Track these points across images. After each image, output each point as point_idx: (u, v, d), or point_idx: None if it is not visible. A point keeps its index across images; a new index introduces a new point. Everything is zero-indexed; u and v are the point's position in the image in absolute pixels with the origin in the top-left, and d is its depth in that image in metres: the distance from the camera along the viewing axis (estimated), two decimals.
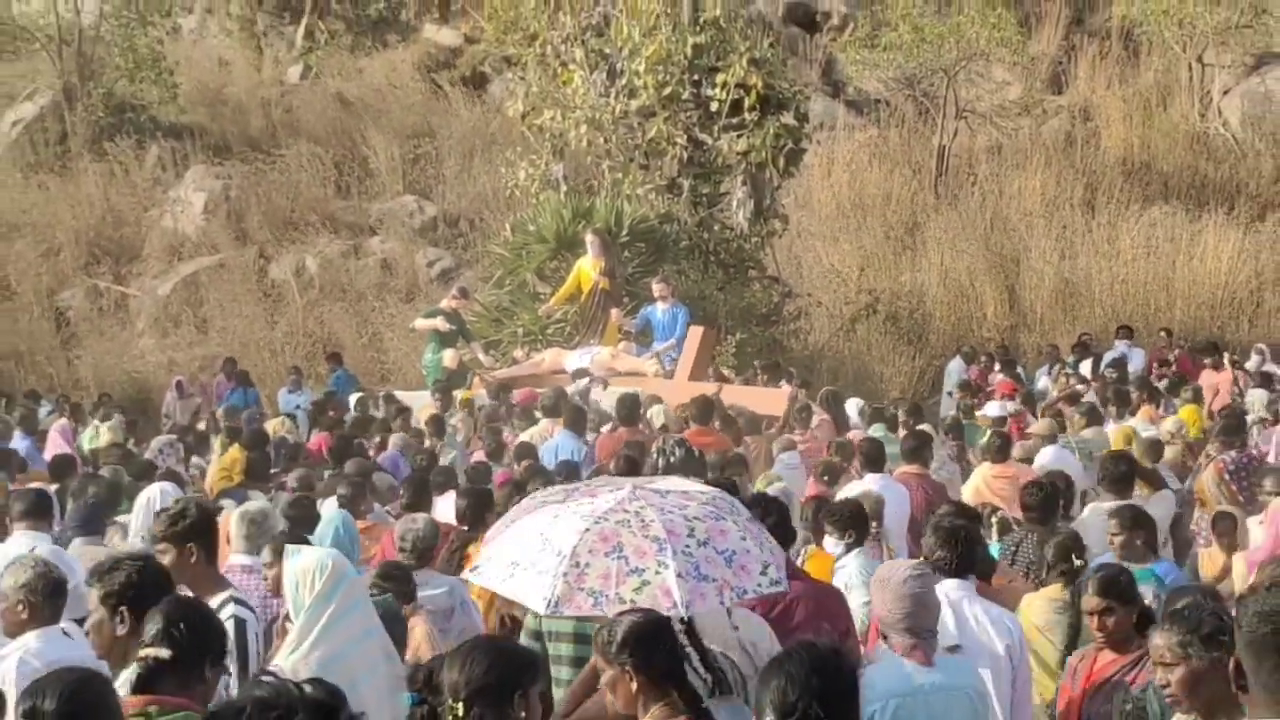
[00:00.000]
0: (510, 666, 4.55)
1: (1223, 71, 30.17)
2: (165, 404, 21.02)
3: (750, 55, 21.55)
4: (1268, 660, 3.66)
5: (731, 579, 5.44)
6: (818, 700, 3.97)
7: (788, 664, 4.17)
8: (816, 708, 3.96)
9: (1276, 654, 3.65)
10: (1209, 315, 24.04)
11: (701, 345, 17.41)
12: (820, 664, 4.14)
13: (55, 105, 30.14)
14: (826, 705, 3.98)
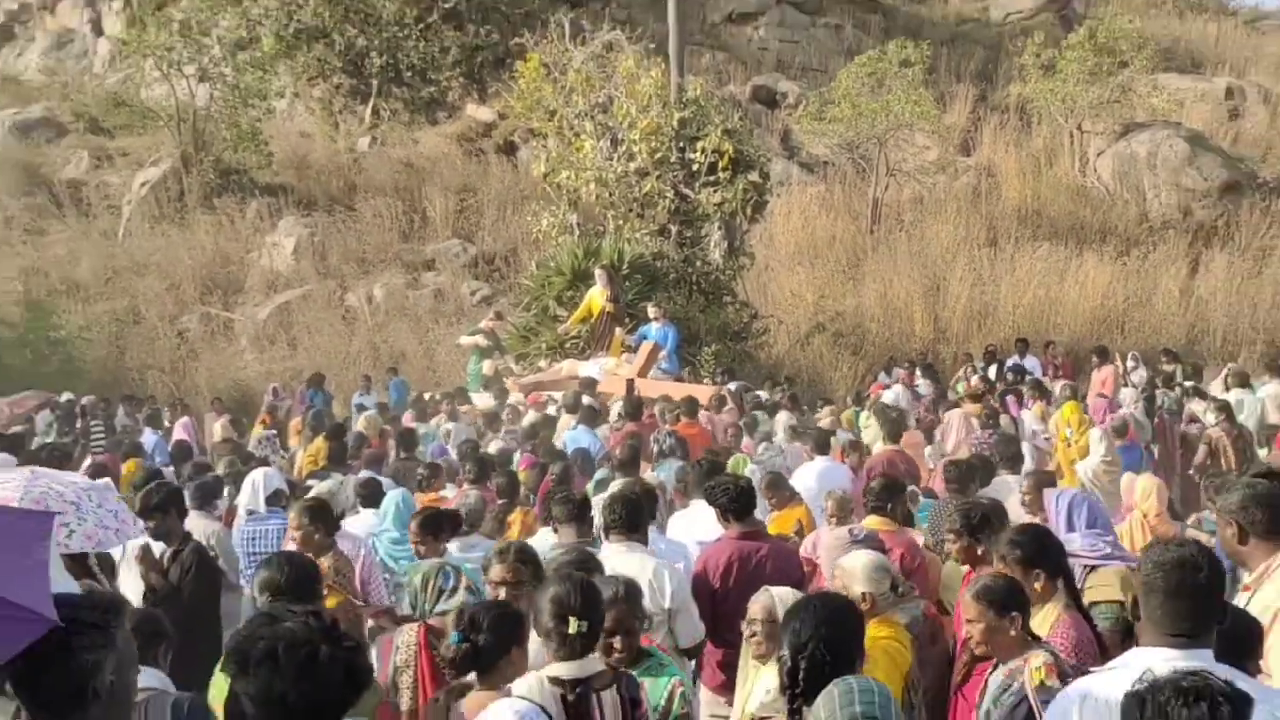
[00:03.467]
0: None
1: (1097, 137, 30.24)
2: (264, 406, 21.00)
3: (724, 127, 21.56)
4: (1154, 598, 3.86)
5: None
6: (824, 642, 3.96)
7: (804, 611, 4.17)
8: (823, 648, 3.95)
9: (1161, 594, 3.83)
10: (1089, 330, 24.07)
11: (649, 356, 17.61)
12: (830, 613, 4.14)
13: (175, 170, 30.15)
14: (832, 646, 3.97)
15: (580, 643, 4.51)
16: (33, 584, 3.97)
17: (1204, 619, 3.82)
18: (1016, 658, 4.76)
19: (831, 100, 29.65)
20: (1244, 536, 4.91)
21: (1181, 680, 3.09)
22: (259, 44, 33.17)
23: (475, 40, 33.80)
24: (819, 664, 3.92)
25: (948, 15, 39.73)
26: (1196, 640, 3.77)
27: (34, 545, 4.39)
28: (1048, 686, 4.46)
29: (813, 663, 3.93)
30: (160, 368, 24.91)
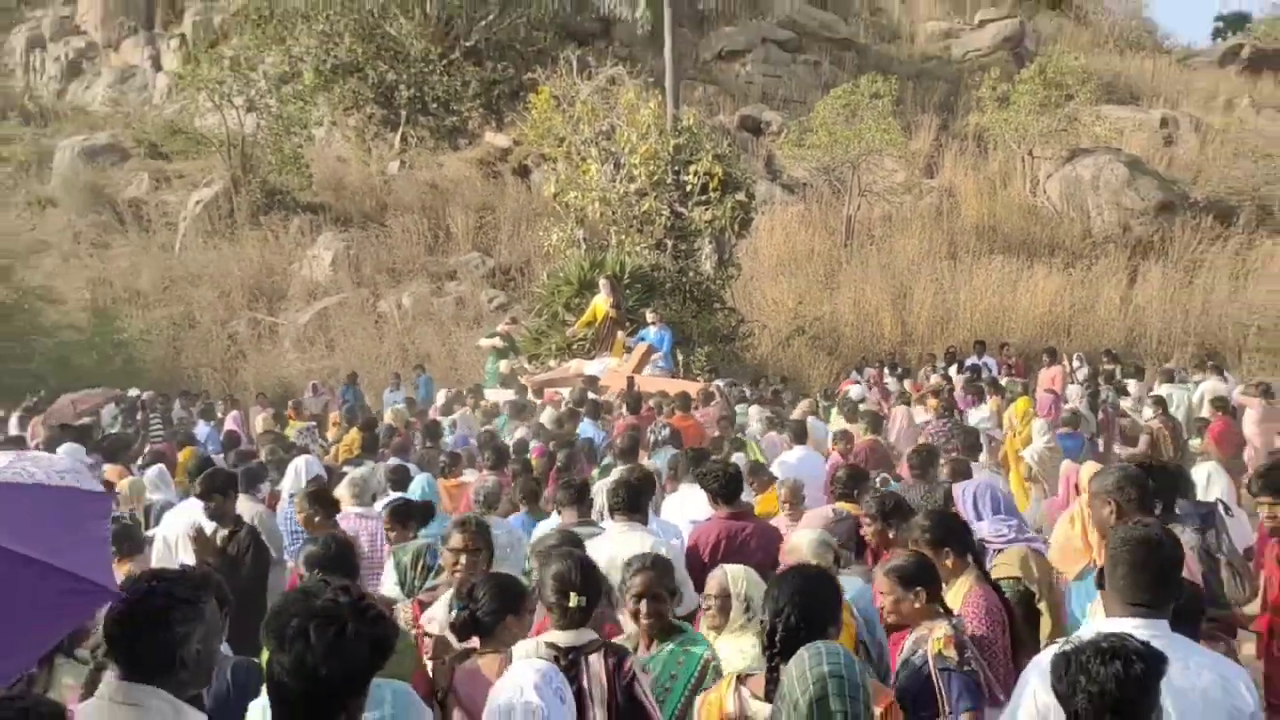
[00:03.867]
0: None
1: (1046, 162, 30.26)
2: (304, 401, 21.00)
3: (714, 152, 21.55)
4: (1119, 570, 3.90)
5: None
6: (799, 609, 3.98)
7: (783, 582, 4.19)
8: (797, 615, 3.96)
9: (1125, 566, 3.88)
10: (1039, 333, 24.08)
11: (644, 355, 17.65)
12: (804, 583, 4.15)
13: (225, 190, 30.18)
14: (806, 613, 3.98)
15: (579, 615, 4.55)
16: (96, 559, 3.98)
17: (1163, 592, 3.87)
18: (923, 627, 4.83)
19: (810, 129, 29.68)
20: (1120, 513, 5.19)
21: (1101, 641, 3.15)
22: (300, 78, 33.19)
23: (493, 75, 33.82)
24: (794, 629, 3.92)
25: (913, 53, 39.74)
26: (1155, 610, 3.82)
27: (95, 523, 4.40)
28: (945, 656, 4.56)
29: (788, 627, 3.94)
30: (212, 367, 24.95)
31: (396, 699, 3.75)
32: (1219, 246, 27.15)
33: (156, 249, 29.73)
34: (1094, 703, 3.10)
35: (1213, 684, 3.45)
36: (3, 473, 4.04)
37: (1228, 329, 24.46)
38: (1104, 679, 3.09)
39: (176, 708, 3.34)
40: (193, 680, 3.44)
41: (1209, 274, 25.98)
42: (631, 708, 4.44)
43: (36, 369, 23.32)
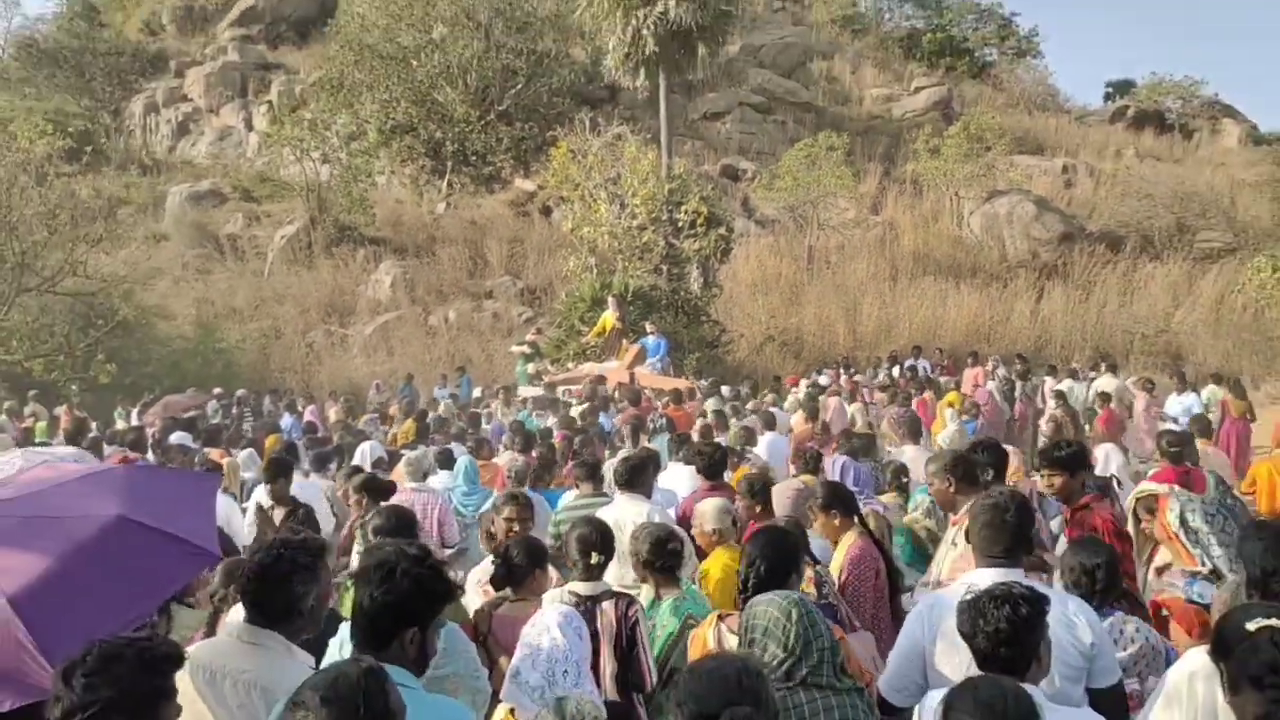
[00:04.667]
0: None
1: (969, 201, 30.28)
2: (369, 397, 21.02)
3: (701, 194, 21.59)
4: (979, 529, 3.99)
5: None
6: (767, 562, 4.05)
7: (756, 538, 4.31)
8: (766, 566, 4.06)
9: (983, 526, 3.96)
10: (964, 339, 24.06)
11: (636, 355, 17.75)
12: (769, 539, 4.27)
13: (305, 227, 30.22)
14: (773, 565, 4.07)
15: (598, 570, 4.64)
16: (201, 526, 4.00)
17: (1014, 545, 3.93)
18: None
19: (778, 175, 29.75)
20: (955, 486, 5.28)
21: (994, 589, 3.19)
22: (366, 136, 33.22)
23: (521, 133, 33.84)
24: (763, 577, 4.00)
25: (861, 113, 39.74)
26: (1010, 561, 3.90)
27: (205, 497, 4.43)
28: (807, 592, 4.59)
29: (758, 576, 4.01)
30: (294, 370, 24.95)
31: (448, 636, 3.79)
32: (1110, 269, 27.15)
33: (249, 274, 29.73)
34: (991, 640, 3.14)
35: (1056, 622, 3.46)
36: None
37: (1118, 336, 24.45)
38: (998, 619, 3.13)
39: (290, 649, 3.47)
40: (305, 627, 3.54)
41: (1102, 291, 25.99)
42: (632, 645, 4.51)
43: (152, 372, 23.30)
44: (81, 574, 3.43)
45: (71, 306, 22.53)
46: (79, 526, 3.58)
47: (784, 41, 41.72)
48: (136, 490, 3.93)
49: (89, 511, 3.66)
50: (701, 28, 24.53)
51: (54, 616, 3.28)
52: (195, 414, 17.29)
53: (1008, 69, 46.28)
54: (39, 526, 3.56)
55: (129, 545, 3.60)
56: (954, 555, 5.06)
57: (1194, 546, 5.39)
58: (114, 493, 3.84)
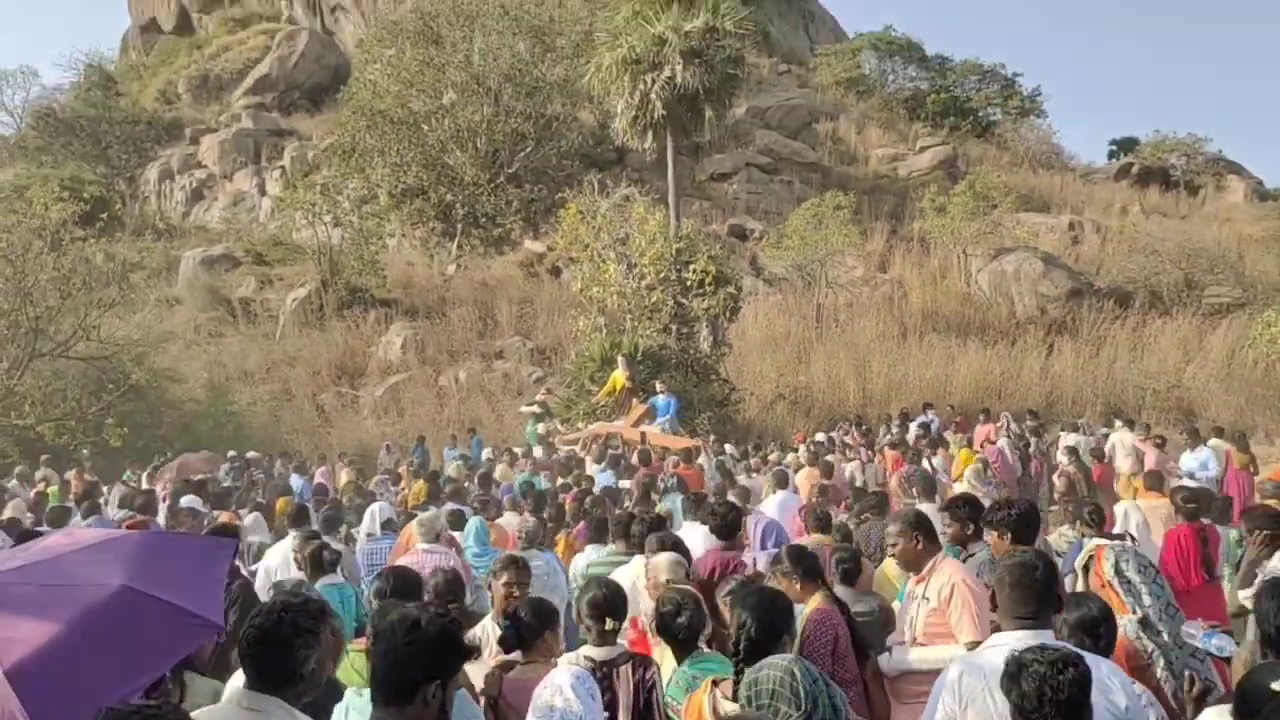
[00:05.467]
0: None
1: (977, 258, 30.33)
2: (379, 459, 20.97)
3: (709, 254, 21.69)
4: (1005, 591, 3.91)
5: None
6: (758, 624, 3.99)
7: (745, 600, 4.23)
8: (757, 628, 3.98)
9: (1010, 588, 3.88)
10: (974, 396, 23.94)
11: (645, 413, 17.71)
12: (759, 600, 4.17)
13: (317, 289, 30.39)
14: (763, 628, 3.99)
15: (611, 635, 4.57)
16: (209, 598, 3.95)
17: (1044, 605, 3.86)
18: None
19: (785, 234, 29.88)
20: (923, 545, 5.26)
21: (1050, 654, 3.08)
22: (377, 200, 33.60)
23: (531, 195, 34.16)
24: (754, 639, 3.95)
25: (867, 173, 40.07)
26: (1039, 622, 3.81)
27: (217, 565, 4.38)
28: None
29: (749, 638, 3.97)
30: (305, 431, 24.91)
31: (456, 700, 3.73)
32: (1119, 325, 27.10)
33: (261, 337, 29.87)
34: (1057, 708, 3.02)
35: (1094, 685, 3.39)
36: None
37: (1129, 391, 24.32)
38: (1062, 686, 3.01)
39: (292, 714, 3.41)
40: (306, 691, 3.48)
41: (1112, 347, 25.91)
42: (649, 711, 4.43)
43: (164, 435, 23.32)
44: (83, 644, 3.39)
45: (84, 371, 22.62)
46: (84, 595, 3.55)
47: (790, 104, 42.22)
48: (145, 558, 3.90)
49: (95, 580, 3.63)
50: (708, 91, 24.86)
51: (52, 688, 3.24)
52: (205, 477, 17.25)
53: (1012, 128, 46.67)
54: (45, 595, 3.54)
55: (132, 615, 3.57)
56: (926, 610, 5.07)
57: (1127, 595, 5.53)
58: (122, 561, 3.81)
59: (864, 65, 49.22)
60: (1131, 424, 17.95)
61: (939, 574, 5.13)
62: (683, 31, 24.27)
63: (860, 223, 31.86)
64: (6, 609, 3.45)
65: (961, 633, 4.89)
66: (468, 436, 21.58)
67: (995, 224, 30.25)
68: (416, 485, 14.66)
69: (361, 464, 19.45)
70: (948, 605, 4.96)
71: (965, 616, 4.90)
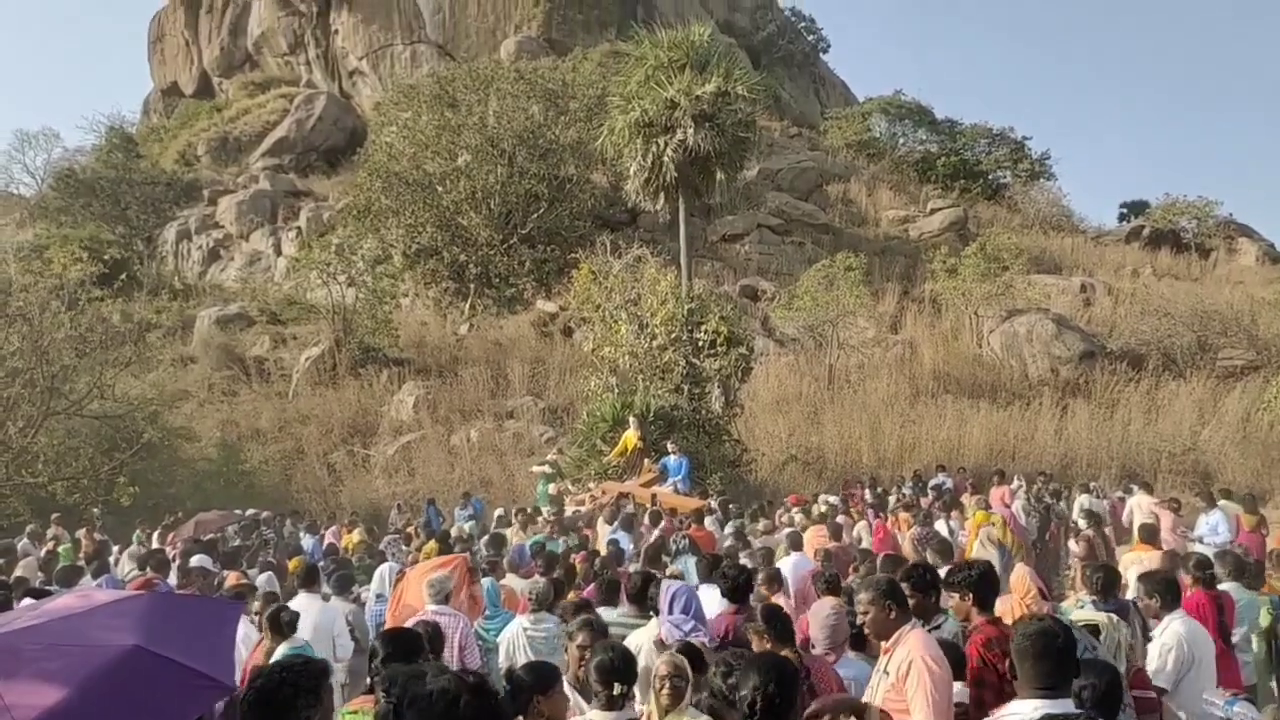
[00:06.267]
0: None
1: (989, 319, 30.35)
2: (390, 518, 20.90)
3: (720, 314, 21.72)
4: (1023, 660, 3.90)
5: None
6: (777, 686, 3.95)
7: (760, 664, 4.17)
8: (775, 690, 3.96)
9: (1029, 657, 3.86)
10: (988, 458, 23.78)
11: (657, 476, 17.74)
12: (769, 668, 4.12)
13: (330, 349, 30.55)
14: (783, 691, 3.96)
15: (620, 700, 4.49)
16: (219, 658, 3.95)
17: (1063, 675, 3.85)
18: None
19: (797, 295, 29.96)
20: (895, 613, 5.08)
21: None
22: (391, 260, 33.88)
23: (543, 255, 34.41)
24: (764, 705, 3.93)
25: (878, 234, 40.28)
26: (1058, 691, 3.82)
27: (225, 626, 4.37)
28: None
29: (766, 696, 3.94)
30: (316, 490, 24.89)
31: None
32: (1133, 387, 27.01)
33: (274, 396, 29.98)
34: None
35: None
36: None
37: (1144, 455, 24.13)
38: None
39: None
40: None
41: (1126, 409, 25.78)
42: None
43: (175, 494, 23.34)
44: (94, 705, 3.38)
45: (97, 429, 22.70)
46: (96, 656, 3.55)
47: (800, 166, 42.64)
48: (156, 619, 3.90)
49: (107, 641, 3.64)
50: (720, 154, 25.10)
51: None
52: (215, 536, 17.22)
53: (1022, 191, 47.00)
54: (58, 655, 3.54)
55: (143, 676, 3.56)
56: (885, 685, 4.92)
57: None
58: (134, 622, 3.82)
59: (874, 128, 49.79)
60: (1150, 487, 17.81)
61: (902, 647, 4.96)
62: (694, 96, 24.59)
63: (871, 284, 31.98)
64: (19, 669, 3.45)
65: (916, 712, 4.71)
66: (465, 500, 21.26)
67: (1007, 285, 30.31)
68: (427, 546, 14.59)
69: (372, 523, 19.38)
70: (904, 682, 4.81)
71: (919, 696, 4.72)
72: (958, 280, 30.62)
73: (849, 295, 28.54)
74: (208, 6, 58.17)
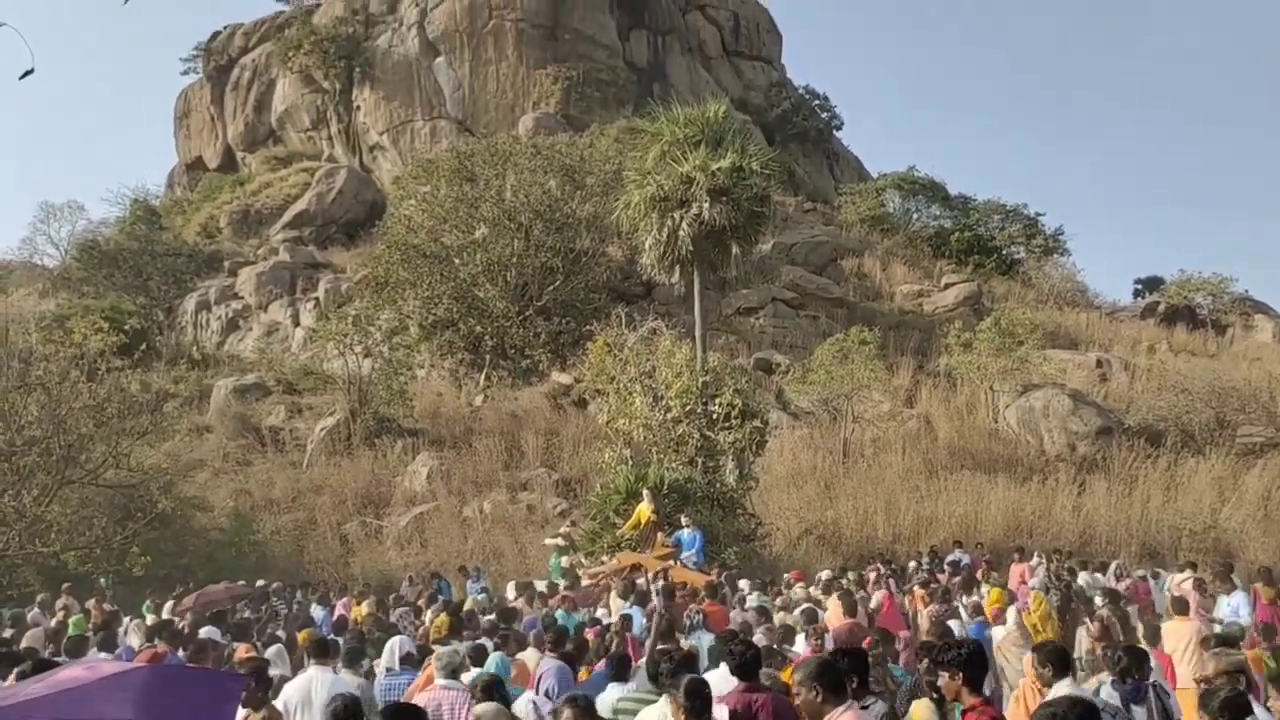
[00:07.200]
0: None
1: (1004, 394, 30.24)
2: (401, 590, 20.72)
3: (734, 387, 21.74)
4: None
5: None
6: None
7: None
8: None
9: None
10: (1005, 534, 23.55)
11: (670, 552, 17.53)
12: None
13: (345, 419, 30.65)
14: None
15: None
16: None
17: None
18: None
19: (811, 368, 29.96)
20: (823, 695, 5.15)
21: None
22: (407, 331, 34.11)
23: (558, 327, 34.57)
24: None
25: (893, 309, 40.40)
26: None
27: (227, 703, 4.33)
28: None
29: None
30: (328, 561, 24.77)
31: None
32: (1151, 464, 26.77)
33: (288, 465, 30.01)
34: None
35: None
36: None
37: (1165, 533, 23.84)
38: None
39: None
40: None
41: (1145, 486, 25.51)
42: None
43: (187, 564, 23.24)
44: None
45: (111, 499, 22.70)
46: None
47: (815, 240, 42.95)
48: (156, 694, 3.88)
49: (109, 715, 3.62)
50: (735, 227, 25.32)
51: None
52: (224, 608, 17.09)
53: (1035, 266, 47.14)
54: None
55: None
56: None
57: None
58: (135, 695, 3.80)
59: (888, 204, 50.20)
60: (1194, 566, 17.64)
61: None
62: (710, 171, 24.89)
63: (886, 358, 31.96)
64: None
65: None
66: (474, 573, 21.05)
67: (1022, 360, 30.25)
68: (438, 619, 14.45)
69: (383, 595, 19.22)
70: None
71: None
72: (973, 355, 30.59)
73: (863, 369, 28.53)
74: (234, 83, 59.51)
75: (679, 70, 54.80)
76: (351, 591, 20.19)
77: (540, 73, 50.71)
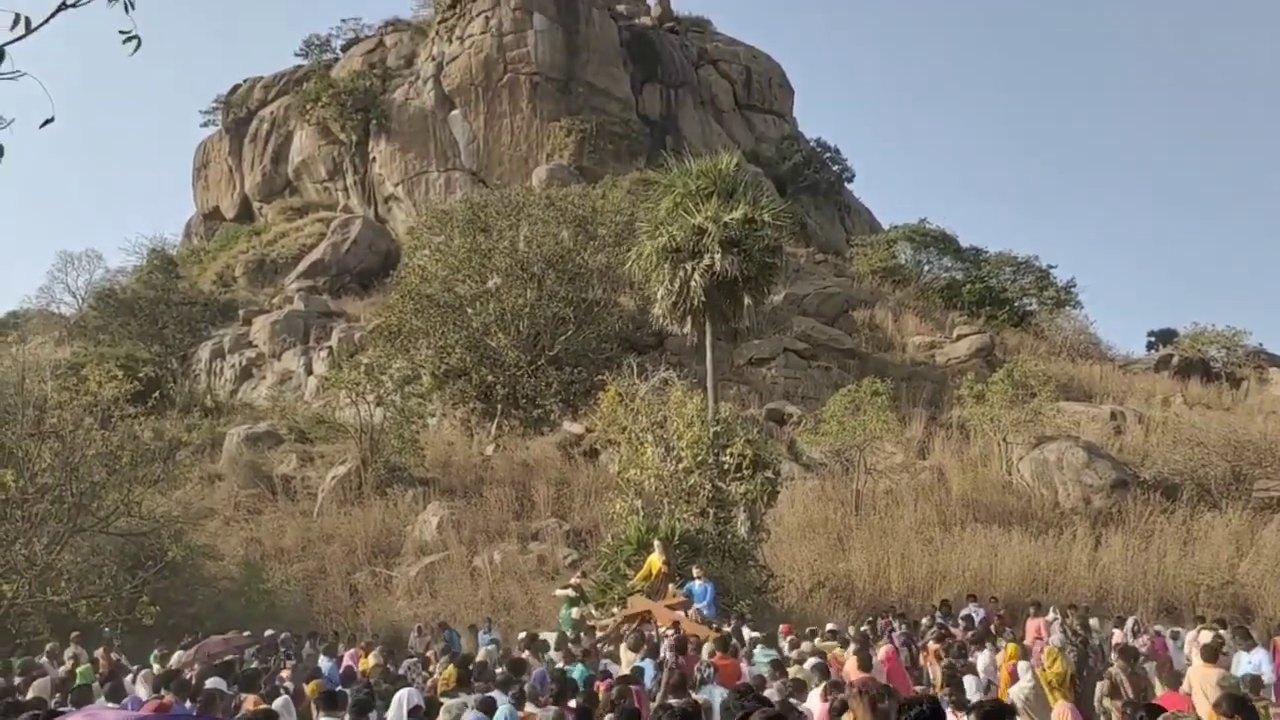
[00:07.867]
0: None
1: (1018, 447, 30.10)
2: (410, 641, 20.58)
3: (746, 438, 21.69)
4: None
5: None
6: None
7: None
8: None
9: None
10: (1020, 588, 23.33)
11: (681, 604, 17.32)
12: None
13: (356, 468, 30.63)
14: None
15: None
16: None
17: None
18: None
19: (823, 419, 29.89)
20: None
21: None
22: (420, 380, 34.20)
23: (570, 377, 34.62)
24: None
25: (905, 360, 40.34)
26: None
27: None
28: None
29: None
30: (337, 611, 24.62)
31: None
32: (1167, 518, 26.54)
33: (299, 514, 29.96)
34: None
35: None
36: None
37: (1182, 587, 23.58)
38: None
39: None
40: None
41: (1161, 540, 25.28)
42: None
43: (196, 613, 23.12)
44: None
45: (122, 547, 22.66)
46: None
47: (826, 291, 43.04)
48: None
49: None
50: (746, 279, 25.42)
51: None
52: (232, 658, 16.97)
53: (1048, 318, 47.10)
54: None
55: None
56: None
57: None
58: None
59: (899, 255, 50.35)
60: (1223, 623, 17.40)
61: None
62: (722, 222, 25.03)
63: (898, 409, 31.86)
64: None
65: None
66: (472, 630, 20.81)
67: (1035, 412, 30.13)
68: (446, 671, 14.33)
69: (392, 646, 19.09)
70: None
71: None
72: (986, 406, 30.50)
73: (875, 420, 28.44)
74: (252, 135, 60.36)
75: (691, 123, 55.37)
76: (360, 642, 20.05)
77: (554, 125, 51.33)
